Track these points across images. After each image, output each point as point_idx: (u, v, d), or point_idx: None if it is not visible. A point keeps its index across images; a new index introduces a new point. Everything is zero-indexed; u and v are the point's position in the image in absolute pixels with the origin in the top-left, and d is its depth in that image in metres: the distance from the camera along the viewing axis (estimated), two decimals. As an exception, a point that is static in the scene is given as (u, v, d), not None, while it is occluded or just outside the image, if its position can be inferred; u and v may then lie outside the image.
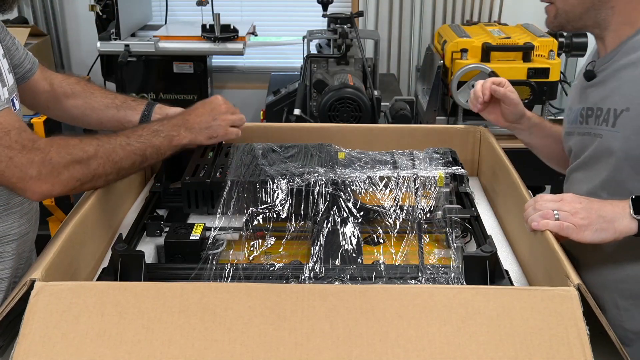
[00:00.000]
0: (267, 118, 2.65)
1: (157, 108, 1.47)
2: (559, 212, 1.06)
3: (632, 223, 1.05)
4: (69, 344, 0.84)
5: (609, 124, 1.19)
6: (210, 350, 0.84)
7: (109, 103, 1.45)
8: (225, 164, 1.39)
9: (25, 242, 1.25)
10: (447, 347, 0.85)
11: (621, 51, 1.20)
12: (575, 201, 1.08)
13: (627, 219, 1.05)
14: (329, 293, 0.90)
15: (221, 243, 1.21)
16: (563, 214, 1.06)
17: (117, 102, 1.46)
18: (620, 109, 1.17)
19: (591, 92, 1.27)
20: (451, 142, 1.56)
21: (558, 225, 1.05)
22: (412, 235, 1.22)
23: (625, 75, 1.18)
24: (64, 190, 1.10)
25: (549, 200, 1.09)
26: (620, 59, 1.20)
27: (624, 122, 1.16)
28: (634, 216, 1.05)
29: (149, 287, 0.92)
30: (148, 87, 3.01)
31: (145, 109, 1.46)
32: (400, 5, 3.46)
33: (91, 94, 1.46)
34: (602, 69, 1.25)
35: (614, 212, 1.06)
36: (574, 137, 1.32)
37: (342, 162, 1.39)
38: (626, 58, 1.19)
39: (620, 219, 1.06)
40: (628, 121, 1.16)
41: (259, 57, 3.71)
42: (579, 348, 0.84)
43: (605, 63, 1.24)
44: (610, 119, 1.19)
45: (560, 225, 1.05)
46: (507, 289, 0.98)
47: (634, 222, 1.05)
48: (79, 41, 3.58)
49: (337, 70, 2.53)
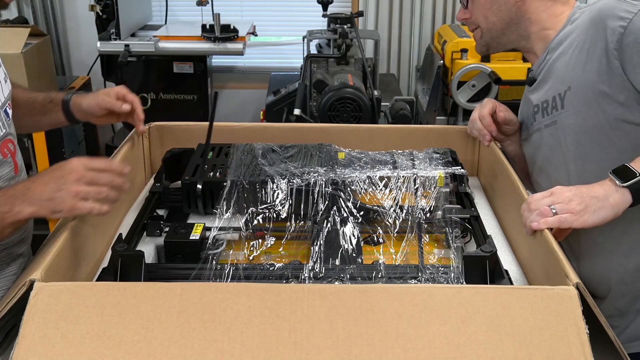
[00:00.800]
0: (267, 118, 2.65)
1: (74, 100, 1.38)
2: (555, 205, 1.07)
3: (624, 194, 1.06)
4: (69, 344, 0.84)
5: (558, 108, 1.27)
6: (210, 350, 0.84)
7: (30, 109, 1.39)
8: (225, 164, 1.39)
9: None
10: (447, 346, 0.85)
11: (549, 49, 1.31)
12: (565, 190, 1.09)
13: (619, 191, 1.06)
14: (328, 293, 0.90)
15: (221, 243, 1.21)
16: (559, 205, 1.06)
17: (37, 107, 1.39)
18: (563, 91, 1.25)
19: (535, 95, 1.36)
20: (451, 142, 1.56)
21: (557, 219, 1.05)
22: (412, 235, 1.22)
23: (559, 65, 1.28)
24: None
25: (541, 197, 1.09)
26: (551, 56, 1.31)
27: (570, 99, 1.24)
28: (622, 185, 1.06)
29: (149, 287, 0.92)
30: (148, 87, 3.01)
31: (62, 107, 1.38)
32: (400, 5, 3.46)
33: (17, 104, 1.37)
34: (539, 71, 1.35)
35: (603, 189, 1.07)
36: (529, 140, 1.40)
37: (342, 162, 1.39)
38: (555, 53, 1.30)
39: (611, 193, 1.06)
40: (573, 98, 1.23)
41: (259, 57, 3.71)
42: (578, 347, 0.84)
43: (539, 66, 1.34)
44: (558, 104, 1.27)
45: (559, 218, 1.05)
46: (507, 289, 0.98)
47: (625, 191, 1.06)
48: (79, 41, 3.58)
49: (337, 70, 2.53)
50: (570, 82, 1.24)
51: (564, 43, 1.28)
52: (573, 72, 1.23)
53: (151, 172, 1.59)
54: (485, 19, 1.36)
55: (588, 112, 1.21)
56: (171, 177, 1.47)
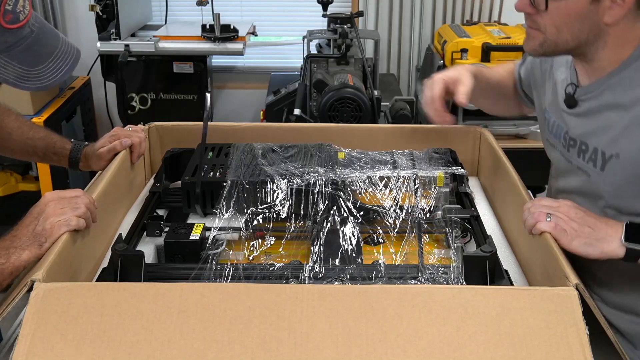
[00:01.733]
0: (267, 118, 2.65)
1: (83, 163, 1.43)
2: (552, 216, 1.05)
3: (620, 248, 1.03)
4: (69, 344, 0.84)
5: (597, 166, 1.16)
6: (210, 351, 0.84)
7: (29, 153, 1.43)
8: (225, 164, 1.39)
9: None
10: (447, 347, 0.85)
11: (607, 85, 1.15)
12: (572, 210, 1.07)
13: (616, 243, 1.04)
14: (328, 293, 0.90)
15: (221, 243, 1.21)
16: (556, 218, 1.05)
17: (39, 153, 1.43)
18: (609, 154, 1.13)
19: (572, 120, 1.22)
20: (451, 142, 1.56)
21: (552, 226, 1.04)
22: (412, 235, 1.22)
23: (613, 117, 1.13)
24: None
25: (547, 204, 1.09)
26: (606, 94, 1.15)
27: (614, 168, 1.13)
28: (623, 242, 1.03)
29: (149, 287, 0.92)
30: (148, 87, 3.01)
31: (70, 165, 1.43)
32: (400, 5, 3.46)
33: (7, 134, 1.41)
34: (585, 99, 1.19)
35: (606, 232, 1.04)
36: (557, 152, 1.29)
37: (342, 162, 1.39)
38: (611, 95, 1.14)
39: (610, 241, 1.04)
40: (618, 169, 1.13)
41: (259, 57, 3.71)
42: (578, 348, 0.84)
43: (588, 93, 1.18)
44: (598, 160, 1.15)
45: (555, 227, 1.04)
46: (507, 289, 0.98)
47: (623, 248, 1.03)
48: (79, 41, 3.57)
49: (337, 70, 2.53)
50: (621, 149, 1.12)
51: (629, 91, 1.11)
52: (630, 143, 1.10)
53: (151, 172, 1.59)
54: (557, 32, 1.13)
55: (628, 187, 1.12)
56: (171, 177, 1.47)
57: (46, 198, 1.08)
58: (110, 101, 3.40)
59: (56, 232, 1.03)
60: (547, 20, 1.13)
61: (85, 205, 1.08)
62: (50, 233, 1.03)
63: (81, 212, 1.07)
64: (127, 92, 2.99)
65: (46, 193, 1.10)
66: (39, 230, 1.03)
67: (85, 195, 1.10)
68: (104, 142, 1.41)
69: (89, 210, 1.09)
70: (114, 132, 1.44)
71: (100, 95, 3.39)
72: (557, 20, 1.12)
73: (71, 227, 1.04)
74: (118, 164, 1.35)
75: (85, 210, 1.08)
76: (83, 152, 1.43)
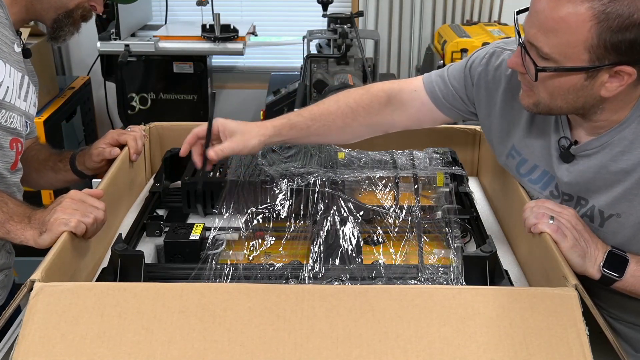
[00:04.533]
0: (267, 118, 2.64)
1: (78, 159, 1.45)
2: (555, 220, 1.05)
3: (598, 272, 1.04)
4: (69, 345, 0.84)
5: (596, 223, 1.13)
6: (210, 351, 0.84)
7: (43, 166, 1.47)
8: (225, 164, 1.39)
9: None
10: (447, 347, 0.85)
11: (606, 144, 1.09)
12: (574, 219, 1.06)
13: (596, 266, 1.04)
14: (328, 293, 0.90)
15: (221, 243, 1.21)
16: (558, 222, 1.05)
17: (50, 164, 1.47)
18: (608, 213, 1.11)
19: (564, 173, 1.15)
20: (451, 142, 1.56)
21: (554, 228, 1.04)
22: (411, 235, 1.22)
23: (613, 179, 1.09)
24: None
25: (550, 207, 1.08)
26: (605, 153, 1.09)
27: (614, 226, 1.11)
28: (600, 268, 1.04)
29: (149, 287, 0.92)
30: (148, 87, 3.01)
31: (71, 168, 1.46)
32: (400, 5, 3.46)
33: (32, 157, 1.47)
34: (583, 155, 1.12)
35: (592, 253, 1.05)
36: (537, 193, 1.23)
37: (341, 162, 1.39)
38: (610, 155, 1.09)
39: (593, 262, 1.05)
40: (618, 227, 1.10)
41: (259, 57, 3.71)
42: (578, 348, 0.84)
43: (586, 150, 1.12)
44: (596, 217, 1.12)
45: (557, 230, 1.04)
46: (507, 289, 0.98)
47: (599, 272, 1.04)
48: (79, 41, 3.57)
49: (337, 70, 2.53)
50: (623, 211, 1.08)
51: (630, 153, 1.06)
52: (631, 207, 1.07)
53: (151, 172, 1.59)
54: (551, 99, 1.06)
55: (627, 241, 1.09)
56: (171, 177, 1.47)
57: (69, 194, 1.12)
58: (110, 101, 3.40)
59: (55, 229, 1.05)
60: (540, 87, 1.06)
61: (95, 217, 1.09)
62: (50, 227, 1.05)
63: (87, 221, 1.08)
64: (127, 92, 2.99)
65: (73, 190, 1.13)
66: (46, 220, 1.07)
67: (102, 211, 1.11)
68: (99, 144, 1.42)
69: (95, 224, 1.10)
70: (107, 135, 1.45)
71: (100, 95, 3.39)
72: (550, 89, 1.05)
73: (68, 228, 1.05)
74: (118, 164, 1.35)
75: (92, 221, 1.09)
76: (80, 152, 1.46)
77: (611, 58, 0.97)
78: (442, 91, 1.31)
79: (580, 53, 0.98)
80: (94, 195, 1.14)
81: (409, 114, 1.35)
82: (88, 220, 1.08)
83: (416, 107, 1.34)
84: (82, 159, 1.44)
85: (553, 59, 1.00)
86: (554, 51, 1.00)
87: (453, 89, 1.30)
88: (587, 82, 1.01)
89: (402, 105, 1.34)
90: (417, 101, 1.33)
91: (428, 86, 1.33)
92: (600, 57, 0.97)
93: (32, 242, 1.07)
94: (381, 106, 1.34)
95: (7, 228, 1.09)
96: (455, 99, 1.31)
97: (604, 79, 1.00)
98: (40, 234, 1.06)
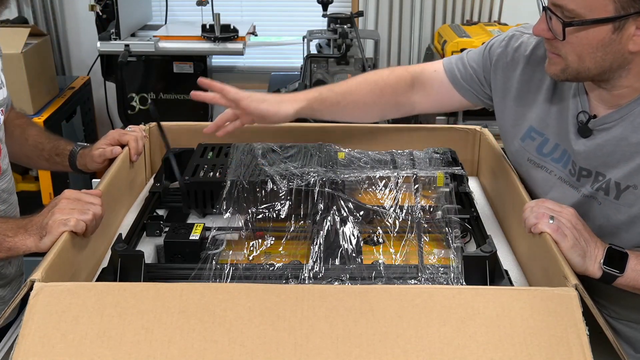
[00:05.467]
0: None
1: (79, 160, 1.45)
2: (555, 219, 1.05)
3: (599, 270, 1.05)
4: (69, 345, 0.84)
5: (611, 196, 1.13)
6: (210, 351, 0.84)
7: (38, 155, 1.48)
8: (225, 164, 1.39)
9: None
10: (447, 347, 0.85)
11: (625, 116, 1.10)
12: (574, 219, 1.07)
13: (597, 264, 1.05)
14: (328, 293, 0.90)
15: (221, 243, 1.21)
16: (558, 222, 1.05)
17: (45, 155, 1.47)
18: (625, 185, 1.11)
19: (582, 148, 1.16)
20: (451, 142, 1.56)
21: (554, 228, 1.04)
22: (411, 235, 1.22)
23: (633, 150, 1.10)
24: None
25: (550, 207, 1.08)
26: (624, 125, 1.11)
27: (630, 198, 1.11)
28: (602, 265, 1.05)
29: (149, 287, 0.92)
30: (148, 87, 3.02)
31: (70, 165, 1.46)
32: (400, 5, 3.46)
33: (25, 140, 1.46)
34: (600, 129, 1.14)
35: (592, 253, 1.05)
36: (547, 174, 1.24)
37: (342, 162, 1.39)
38: (630, 127, 1.10)
39: (594, 261, 1.05)
40: (634, 199, 1.10)
41: (259, 57, 3.71)
42: (578, 348, 0.84)
43: (605, 124, 1.13)
44: (612, 190, 1.12)
45: (557, 229, 1.04)
46: (507, 289, 0.98)
47: (600, 270, 1.05)
48: (79, 41, 3.58)
49: (337, 70, 2.53)
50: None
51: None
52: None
53: (151, 172, 1.59)
54: (579, 60, 1.07)
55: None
56: (171, 177, 1.46)
57: (64, 194, 1.11)
58: (110, 101, 3.40)
59: (55, 230, 1.04)
60: (567, 48, 1.07)
61: (94, 213, 1.09)
62: (50, 229, 1.05)
63: (86, 218, 1.07)
64: (127, 92, 2.99)
65: (66, 190, 1.12)
66: (45, 223, 1.06)
67: (99, 206, 1.11)
68: (100, 144, 1.42)
69: (94, 220, 1.09)
70: (108, 135, 1.45)
71: (100, 95, 3.39)
72: (578, 49, 1.05)
73: (68, 228, 1.05)
74: (118, 164, 1.35)
75: (91, 218, 1.08)
76: (81, 152, 1.45)
77: (636, 6, 0.99)
78: (461, 72, 1.37)
79: (605, 4, 1.00)
80: (93, 195, 1.13)
81: (429, 95, 1.41)
82: (87, 217, 1.07)
83: (435, 88, 1.40)
84: (83, 160, 1.44)
85: (578, 14, 1.02)
86: (579, 5, 1.02)
87: (472, 69, 1.35)
88: (615, 35, 1.02)
89: (423, 86, 1.41)
90: (437, 81, 1.39)
91: (448, 67, 1.39)
92: (625, 6, 0.99)
93: (34, 248, 1.07)
94: (407, 86, 1.41)
95: (7, 246, 1.08)
96: (473, 80, 1.36)
97: (631, 30, 1.01)
98: (41, 239, 1.05)
